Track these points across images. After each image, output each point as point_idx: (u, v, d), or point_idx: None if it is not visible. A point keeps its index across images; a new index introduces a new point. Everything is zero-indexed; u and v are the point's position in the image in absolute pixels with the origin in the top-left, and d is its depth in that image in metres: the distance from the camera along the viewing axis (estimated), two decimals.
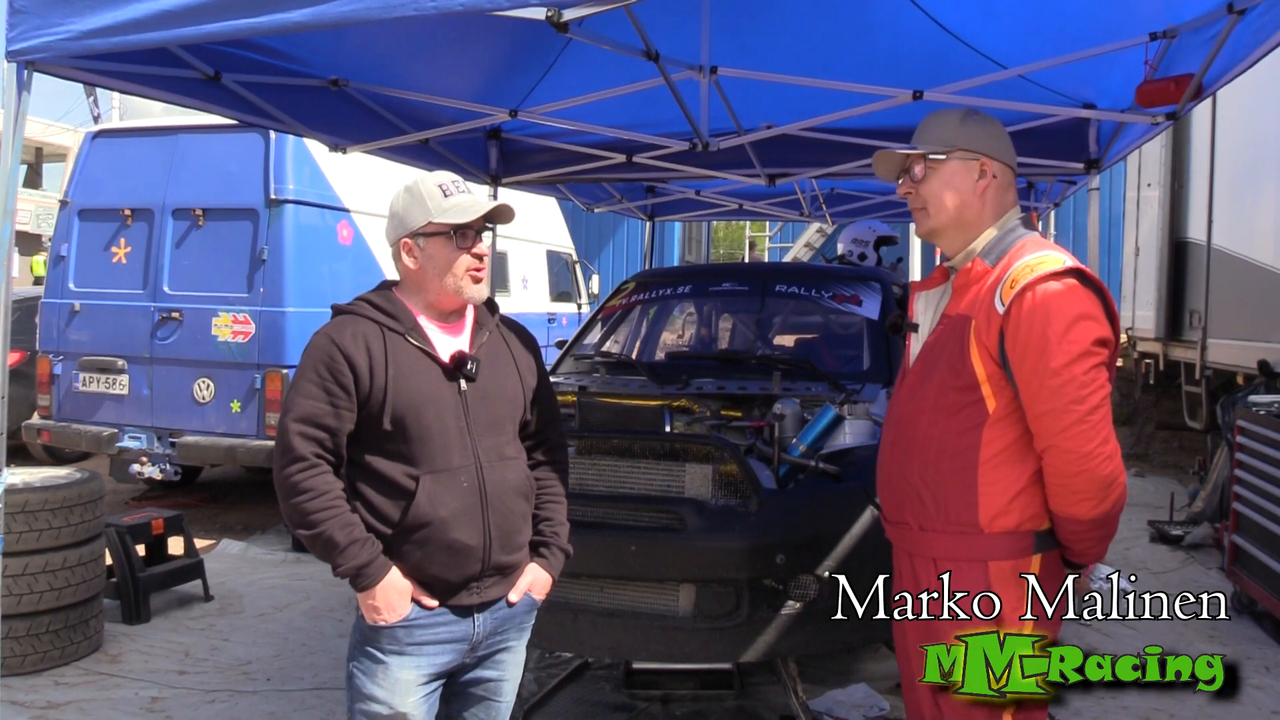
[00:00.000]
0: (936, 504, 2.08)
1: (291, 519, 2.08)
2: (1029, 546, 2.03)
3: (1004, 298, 1.99)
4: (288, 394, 2.15)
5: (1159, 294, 8.67)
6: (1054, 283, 1.97)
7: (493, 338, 2.31)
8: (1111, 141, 4.78)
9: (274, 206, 6.38)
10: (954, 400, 2.06)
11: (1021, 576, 2.01)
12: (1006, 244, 2.11)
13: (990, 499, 2.02)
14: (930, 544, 2.11)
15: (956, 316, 2.10)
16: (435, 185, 2.21)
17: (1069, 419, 1.92)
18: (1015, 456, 2.02)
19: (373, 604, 2.09)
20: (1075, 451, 1.93)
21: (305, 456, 2.05)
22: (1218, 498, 6.33)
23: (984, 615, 1.98)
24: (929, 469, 2.09)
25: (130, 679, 4.11)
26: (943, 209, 2.16)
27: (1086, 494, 1.96)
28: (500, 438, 2.25)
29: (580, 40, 3.14)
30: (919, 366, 2.20)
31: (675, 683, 3.85)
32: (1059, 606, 2.06)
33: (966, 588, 2.02)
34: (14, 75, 2.51)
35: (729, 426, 3.67)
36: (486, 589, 2.20)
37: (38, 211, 24.58)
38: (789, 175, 5.56)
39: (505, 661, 2.33)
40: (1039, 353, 1.93)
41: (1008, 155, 2.20)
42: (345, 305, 2.24)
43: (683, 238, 18.27)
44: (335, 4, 2.24)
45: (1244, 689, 4.08)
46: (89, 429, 6.76)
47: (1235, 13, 2.90)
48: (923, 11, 3.61)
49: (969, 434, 2.04)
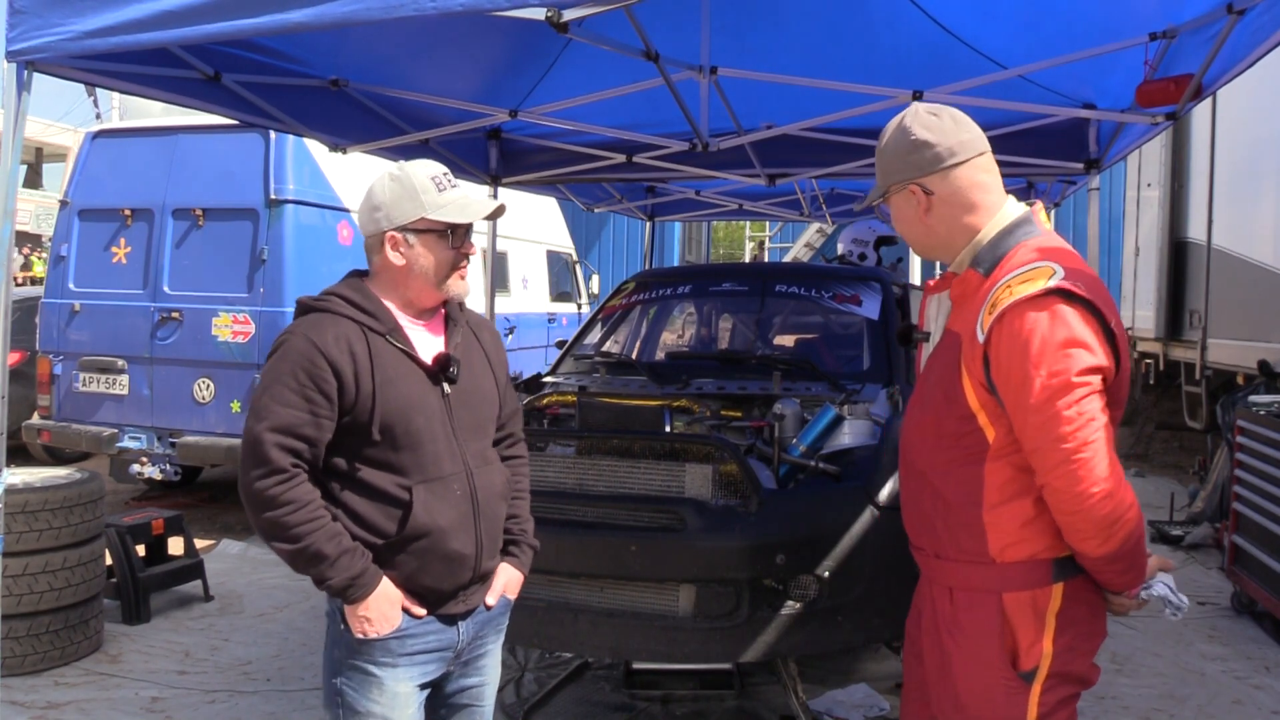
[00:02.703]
0: (948, 532, 1.95)
1: (269, 533, 1.94)
2: (1046, 576, 1.86)
3: (985, 325, 1.82)
4: (258, 397, 1.97)
5: (1159, 294, 8.67)
6: (1033, 306, 1.77)
7: (465, 335, 2.20)
8: (1111, 141, 4.78)
9: (274, 206, 6.38)
10: (953, 429, 1.91)
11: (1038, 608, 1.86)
12: (1002, 250, 1.90)
13: (998, 531, 1.87)
14: (945, 572, 1.98)
15: (951, 334, 1.96)
16: (427, 178, 2.08)
17: (1055, 458, 1.75)
18: (1020, 489, 1.86)
19: (364, 615, 1.98)
20: (1067, 491, 1.76)
21: (284, 468, 1.92)
22: (1218, 498, 6.33)
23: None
24: (937, 499, 1.96)
25: (130, 679, 4.11)
26: (913, 242, 2.05)
27: (1088, 534, 1.79)
28: (484, 441, 2.18)
29: (580, 40, 3.14)
30: (921, 386, 2.07)
31: (675, 683, 3.85)
32: (1088, 636, 1.91)
33: (980, 620, 1.90)
34: (14, 75, 2.51)
35: (729, 426, 3.67)
36: (472, 596, 2.13)
37: (38, 211, 24.61)
38: (789, 175, 5.56)
39: (486, 666, 2.25)
40: (1020, 386, 1.77)
41: (941, 159, 1.92)
42: (316, 300, 2.08)
43: (683, 238, 18.27)
44: (336, 4, 2.24)
45: (1244, 689, 4.08)
46: (89, 429, 6.76)
47: (1235, 13, 2.90)
48: (922, 11, 3.61)
49: (970, 467, 1.89)
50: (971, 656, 1.91)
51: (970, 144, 1.94)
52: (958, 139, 1.93)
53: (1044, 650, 1.87)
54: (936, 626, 2.00)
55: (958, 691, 1.94)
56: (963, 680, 1.93)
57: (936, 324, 2.11)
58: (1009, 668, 1.88)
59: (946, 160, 1.92)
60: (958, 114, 1.97)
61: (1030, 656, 1.87)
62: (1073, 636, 1.88)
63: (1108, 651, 4.43)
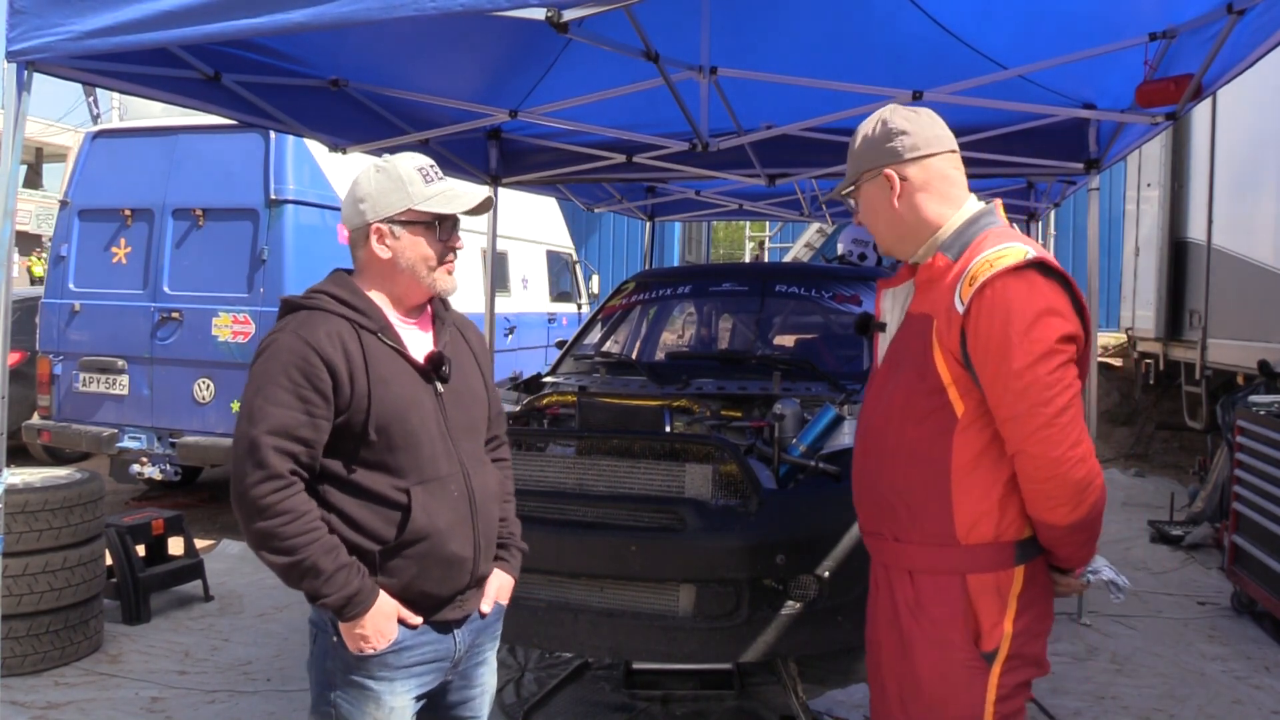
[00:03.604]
0: (910, 514, 1.98)
1: (262, 543, 1.84)
2: (1010, 558, 1.92)
3: (963, 296, 1.87)
4: (250, 400, 1.88)
5: (1159, 294, 8.67)
6: (1014, 277, 1.84)
7: (453, 334, 2.15)
8: (1111, 141, 4.79)
9: (274, 206, 6.38)
10: (921, 405, 1.95)
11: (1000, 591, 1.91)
12: (969, 236, 1.97)
13: (965, 508, 1.91)
14: (906, 556, 2.00)
15: (919, 315, 1.99)
16: (414, 169, 2.03)
17: (1035, 423, 1.81)
18: (989, 462, 1.90)
19: (361, 633, 1.91)
20: (1044, 457, 1.81)
21: (281, 474, 1.83)
22: (1218, 498, 6.32)
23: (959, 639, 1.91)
24: (900, 478, 1.99)
25: (130, 679, 4.11)
26: (879, 232, 2.09)
27: (1060, 500, 1.84)
28: (477, 441, 2.13)
29: (580, 40, 3.14)
30: (885, 369, 2.10)
31: (675, 683, 3.85)
32: (1042, 618, 1.97)
33: (943, 602, 1.93)
34: (14, 75, 2.52)
35: (729, 426, 3.68)
36: (467, 601, 2.08)
37: (38, 211, 24.62)
38: (789, 175, 5.56)
39: (484, 675, 2.21)
40: (1000, 353, 1.82)
41: (917, 148, 2.00)
42: (303, 299, 1.99)
43: (683, 238, 18.27)
44: (335, 4, 2.24)
45: (1244, 689, 4.08)
46: (89, 429, 6.76)
47: (1235, 13, 2.91)
48: (922, 11, 3.61)
49: (939, 441, 1.93)
50: (933, 639, 1.95)
51: (944, 139, 2.04)
52: (933, 133, 2.03)
53: (1005, 631, 1.92)
54: (895, 610, 2.02)
55: (918, 674, 1.97)
56: (923, 662, 1.96)
57: (892, 315, 2.13)
58: (971, 648, 1.92)
59: (922, 149, 2.01)
60: (934, 114, 2.07)
61: (991, 638, 1.92)
62: (1030, 619, 1.94)
63: (1108, 652, 4.43)
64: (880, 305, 2.21)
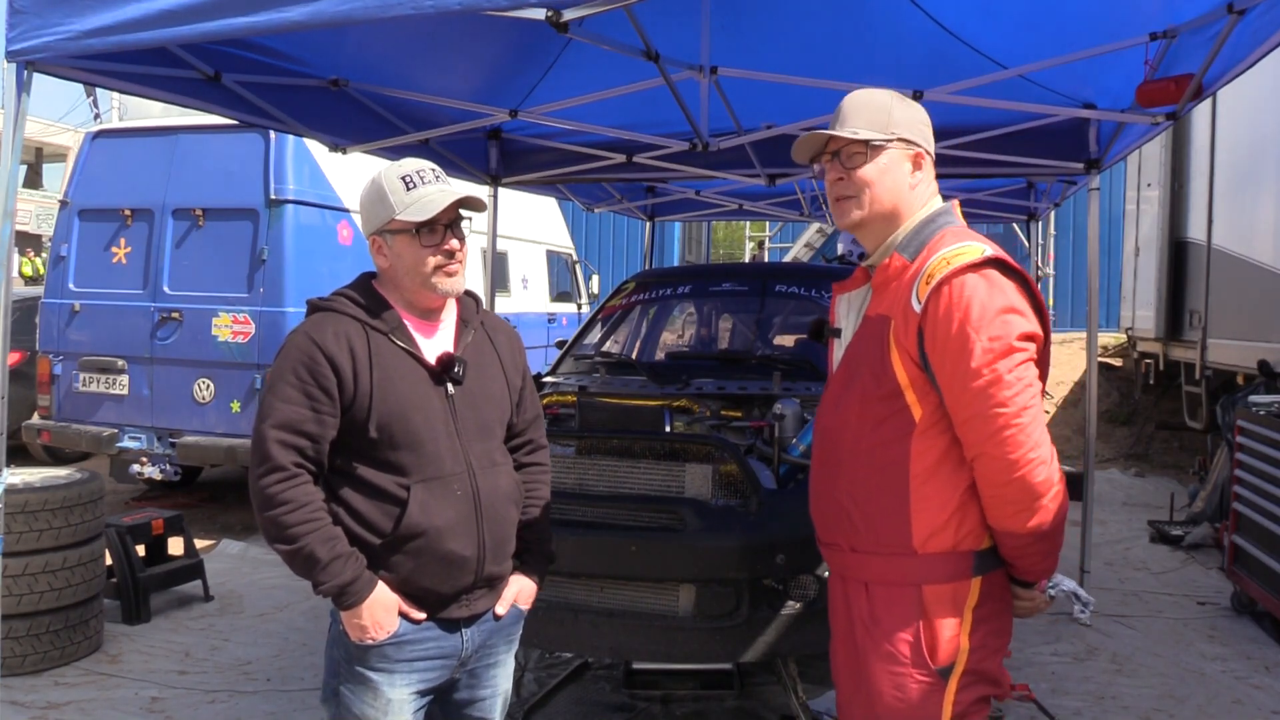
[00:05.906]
0: (866, 524, 1.91)
1: (269, 533, 1.95)
2: (967, 568, 1.86)
3: (920, 295, 1.82)
4: (264, 398, 2.00)
5: (1159, 294, 8.67)
6: (972, 275, 1.79)
7: (478, 336, 2.18)
8: (1111, 141, 4.79)
9: (274, 206, 6.38)
10: (878, 410, 1.88)
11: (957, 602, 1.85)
12: (925, 236, 1.92)
13: (924, 516, 1.85)
14: (861, 566, 1.94)
15: (876, 318, 1.93)
16: (398, 178, 2.05)
17: (995, 424, 1.75)
18: (948, 469, 1.84)
19: (359, 622, 1.97)
20: (1003, 459, 1.75)
21: (284, 466, 1.92)
22: (1218, 498, 6.32)
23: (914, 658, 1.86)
24: (856, 487, 1.92)
25: (130, 679, 4.11)
26: (877, 199, 1.96)
27: (1020, 505, 1.78)
28: (490, 443, 2.15)
29: (580, 40, 3.14)
30: (841, 374, 2.03)
31: (675, 683, 3.84)
32: (999, 634, 1.91)
33: (898, 615, 1.88)
34: (14, 75, 2.52)
35: (729, 426, 3.67)
36: (476, 601, 2.10)
37: (38, 211, 24.64)
38: (789, 175, 5.57)
39: (497, 677, 2.22)
40: (959, 351, 1.76)
41: (930, 141, 2.04)
42: (323, 300, 2.09)
43: (683, 238, 18.28)
44: (333, 3, 2.24)
45: (1244, 689, 4.08)
46: (89, 429, 6.76)
47: (1235, 13, 2.91)
48: (923, 11, 3.61)
49: (895, 446, 1.86)
50: (887, 653, 1.89)
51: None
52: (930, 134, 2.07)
53: (960, 646, 1.86)
54: (850, 623, 1.98)
55: (873, 688, 1.91)
56: (878, 677, 1.90)
57: (848, 321, 2.09)
58: (925, 663, 1.86)
59: (931, 145, 2.04)
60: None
61: (946, 651, 1.85)
62: (985, 633, 1.88)
63: (1108, 652, 4.43)
64: (835, 310, 2.16)
